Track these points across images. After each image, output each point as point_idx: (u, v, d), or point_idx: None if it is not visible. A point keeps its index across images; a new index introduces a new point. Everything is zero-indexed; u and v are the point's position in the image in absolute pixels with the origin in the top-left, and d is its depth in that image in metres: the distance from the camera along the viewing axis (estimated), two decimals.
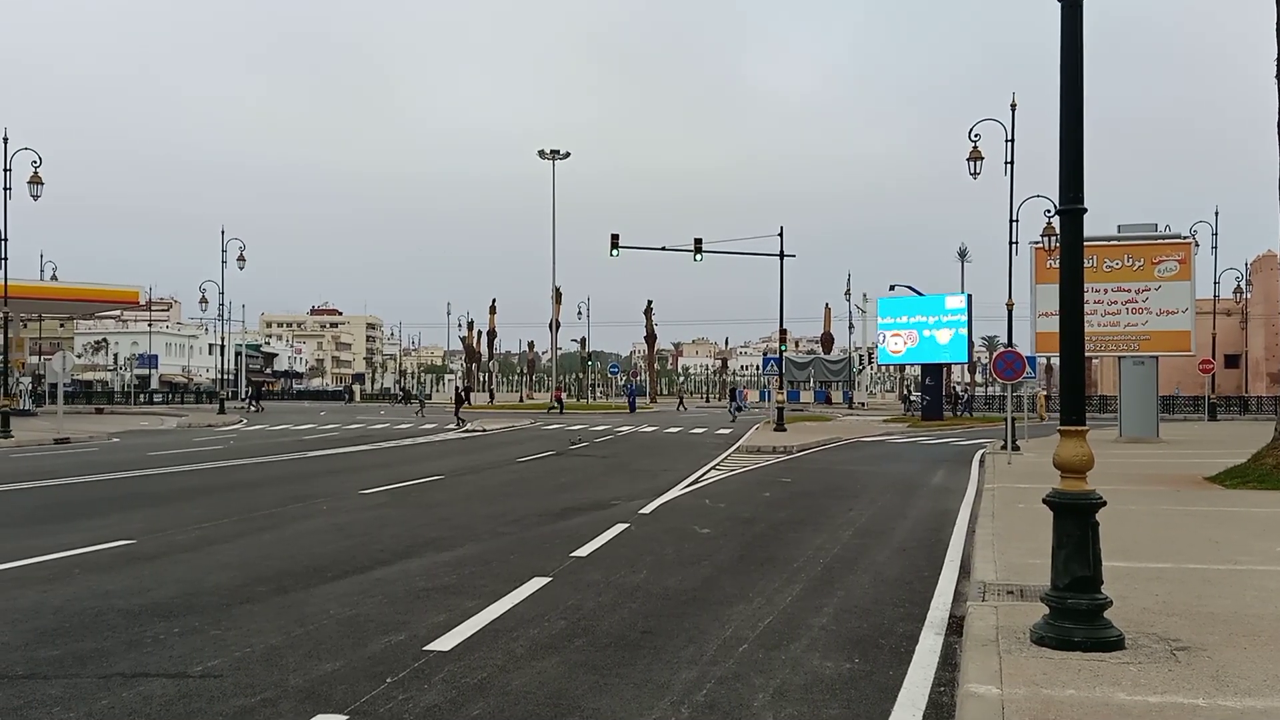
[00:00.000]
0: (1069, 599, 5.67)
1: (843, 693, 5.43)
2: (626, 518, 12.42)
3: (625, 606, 7.51)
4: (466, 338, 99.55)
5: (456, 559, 9.52)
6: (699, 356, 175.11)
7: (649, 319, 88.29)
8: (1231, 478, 15.57)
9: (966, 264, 75.87)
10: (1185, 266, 28.94)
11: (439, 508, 13.70)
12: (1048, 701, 4.72)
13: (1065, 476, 5.89)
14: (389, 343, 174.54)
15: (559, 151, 60.42)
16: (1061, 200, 6.01)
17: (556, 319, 73.44)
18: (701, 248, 41.57)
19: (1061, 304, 6.06)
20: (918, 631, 6.75)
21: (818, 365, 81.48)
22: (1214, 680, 5.05)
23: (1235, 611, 6.59)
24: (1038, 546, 8.01)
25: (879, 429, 38.31)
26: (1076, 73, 5.94)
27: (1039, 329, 29.02)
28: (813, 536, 11.09)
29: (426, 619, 7.02)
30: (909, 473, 19.81)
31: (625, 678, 5.69)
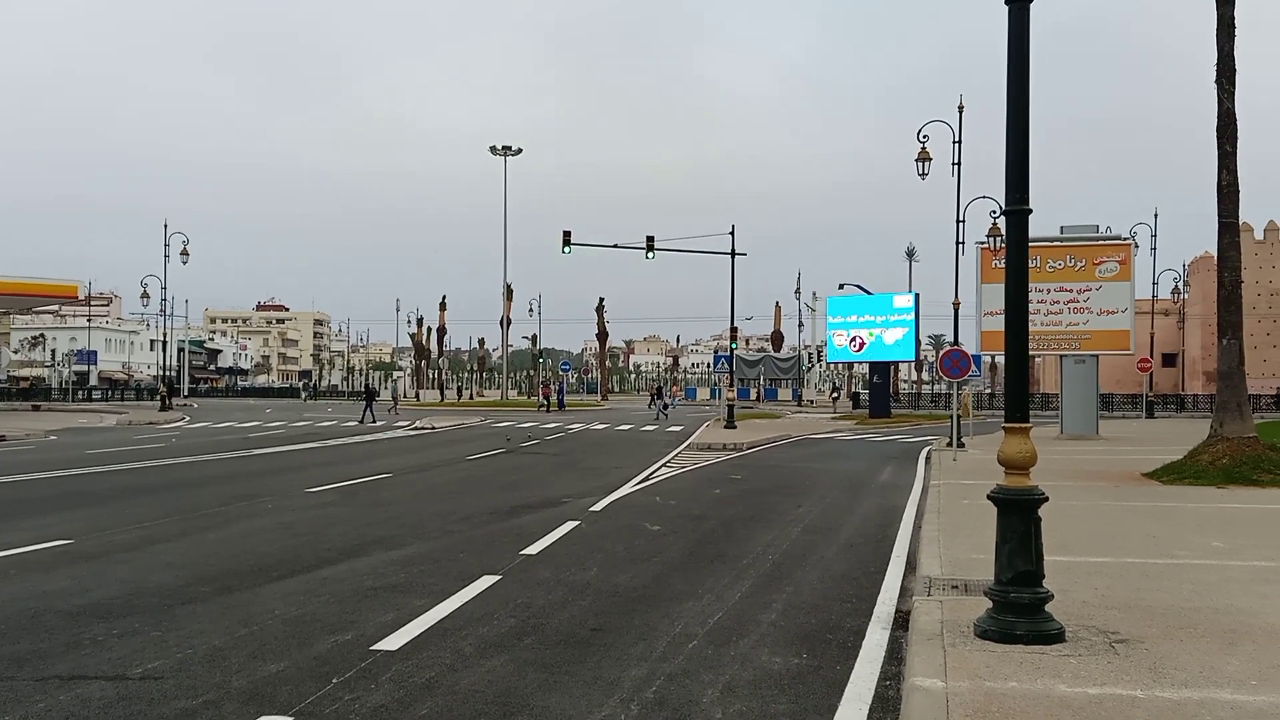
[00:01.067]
0: (1012, 593, 5.77)
1: (791, 688, 5.48)
2: (577, 515, 12.40)
3: (575, 604, 7.49)
4: (416, 334, 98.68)
5: (405, 557, 9.44)
6: (650, 354, 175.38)
7: (600, 316, 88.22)
8: (1168, 474, 15.95)
9: (914, 264, 76.79)
10: (1125, 267, 29.57)
11: (387, 506, 13.57)
12: (990, 694, 4.80)
13: (1009, 473, 5.99)
14: (337, 339, 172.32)
15: (510, 148, 60.12)
16: (1007, 201, 6.11)
17: (508, 316, 73.08)
18: (653, 246, 41.62)
19: (1007, 303, 6.17)
20: (865, 626, 6.83)
21: (768, 363, 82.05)
22: (1152, 672, 5.17)
23: (1172, 605, 6.75)
24: (982, 542, 8.14)
25: (828, 426, 38.67)
26: (1023, 76, 6.04)
27: (984, 328, 29.47)
28: (763, 533, 11.15)
29: (374, 618, 6.95)
30: (857, 470, 20.02)
31: (575, 675, 5.68)
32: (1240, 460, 15.47)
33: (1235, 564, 8.39)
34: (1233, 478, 14.99)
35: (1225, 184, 16.73)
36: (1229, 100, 16.67)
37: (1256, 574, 7.91)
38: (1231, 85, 16.67)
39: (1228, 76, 16.68)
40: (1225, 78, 16.69)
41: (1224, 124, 16.72)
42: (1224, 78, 16.70)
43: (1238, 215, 16.88)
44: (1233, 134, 16.69)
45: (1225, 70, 16.68)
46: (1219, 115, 16.76)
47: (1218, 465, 15.51)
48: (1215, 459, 15.74)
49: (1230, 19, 16.64)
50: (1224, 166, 16.73)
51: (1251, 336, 63.81)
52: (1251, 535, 10.17)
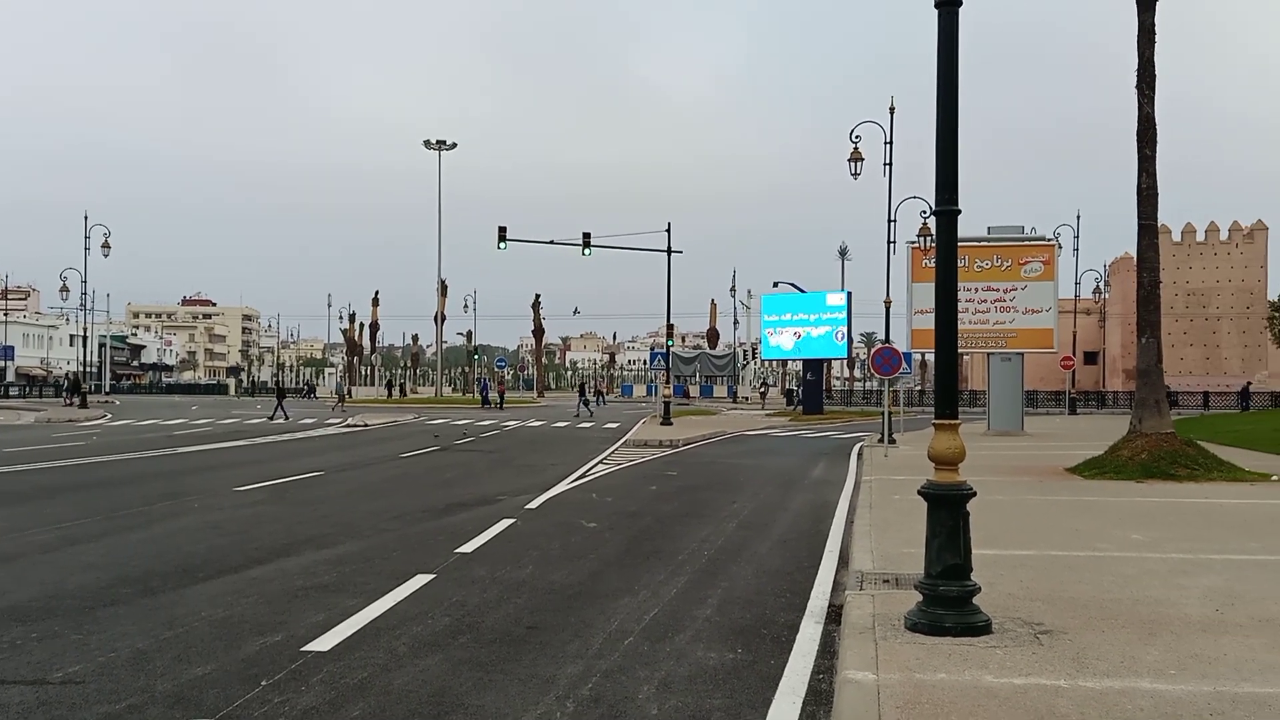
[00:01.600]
0: (941, 586, 5.89)
1: (726, 683, 5.52)
2: (512, 513, 12.33)
3: (510, 602, 7.46)
4: (348, 330, 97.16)
5: (337, 556, 9.29)
6: (587, 351, 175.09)
7: (537, 313, 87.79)
8: (1090, 469, 16.41)
9: (847, 263, 77.81)
10: (1049, 267, 30.33)
11: (319, 504, 13.35)
12: (920, 685, 4.89)
13: (939, 468, 6.11)
14: (266, 335, 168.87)
15: (445, 142, 59.54)
16: (937, 202, 6.22)
17: (442, 312, 72.39)
18: (590, 243, 41.56)
19: (936, 302, 6.28)
20: (798, 621, 6.90)
21: (703, 360, 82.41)
22: (1075, 662, 5.32)
23: (1094, 596, 6.95)
24: (912, 536, 8.29)
25: (762, 423, 39.02)
26: (952, 79, 6.15)
27: (915, 326, 29.99)
28: (698, 529, 11.21)
29: (305, 619, 6.83)
30: (791, 466, 20.23)
31: (510, 674, 5.65)
32: (1159, 455, 15.97)
33: (1154, 556, 8.66)
34: (1151, 472, 15.47)
35: (1145, 187, 17.24)
36: (1149, 105, 17.18)
37: (1174, 566, 8.17)
38: (1152, 90, 17.18)
39: (1148, 82, 17.19)
40: (1146, 83, 17.20)
41: (1144, 128, 17.23)
42: (1144, 83, 17.20)
43: (1156, 217, 17.41)
44: (1152, 138, 17.21)
45: (1145, 76, 17.19)
46: (1139, 120, 17.27)
47: (1137, 460, 15.99)
48: (1135, 454, 16.23)
49: (1151, 26, 17.15)
50: (1144, 170, 17.24)
51: (1169, 335, 65.93)
52: (1169, 528, 10.51)
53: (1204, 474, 15.45)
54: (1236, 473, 15.66)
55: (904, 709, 4.55)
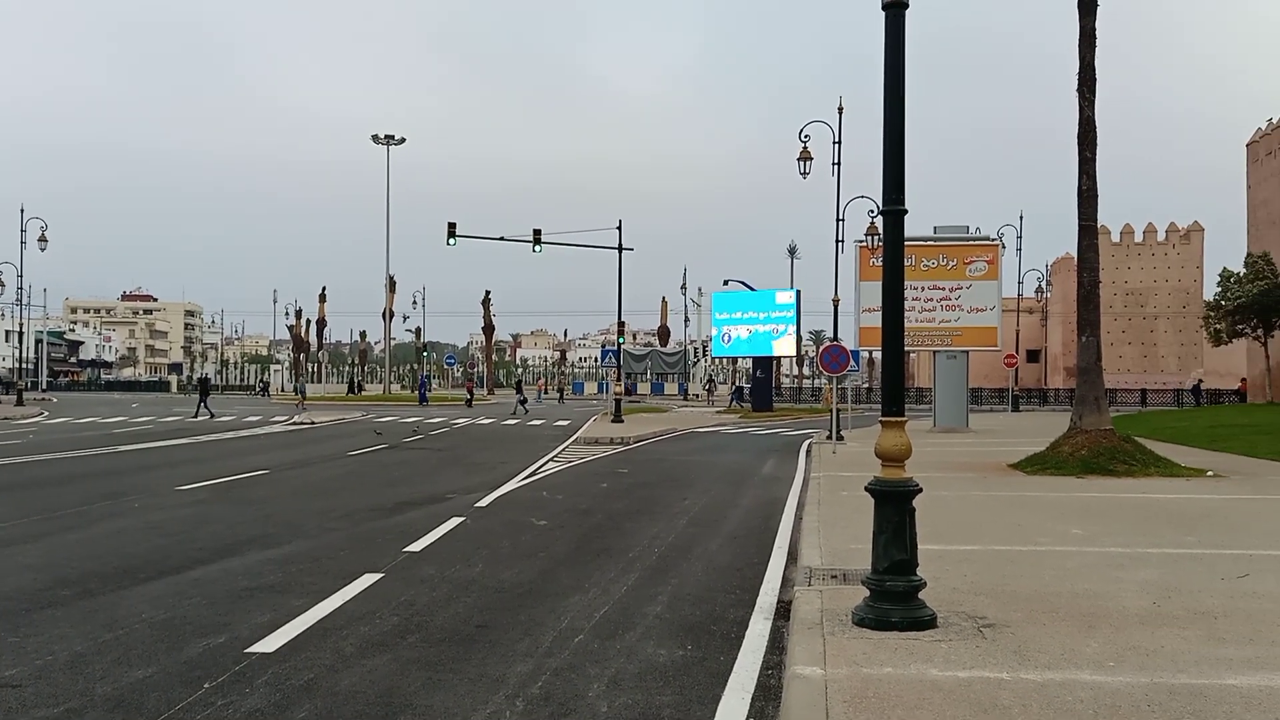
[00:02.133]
0: (888, 581, 5.97)
1: (676, 679, 5.54)
2: (462, 511, 12.26)
3: (460, 601, 7.41)
4: (294, 327, 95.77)
5: (283, 556, 9.17)
6: (538, 348, 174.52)
7: (487, 309, 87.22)
8: (1032, 465, 16.72)
9: (796, 261, 78.48)
10: (993, 267, 30.84)
11: (264, 503, 13.15)
12: (867, 680, 4.95)
13: (886, 465, 6.19)
14: (209, 331, 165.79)
15: (394, 137, 58.93)
16: (885, 201, 6.30)
17: (390, 308, 71.69)
18: (540, 239, 41.41)
19: (884, 301, 6.35)
20: (748, 617, 6.95)
21: (654, 357, 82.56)
22: (1017, 655, 5.42)
23: (1036, 590, 7.08)
24: (860, 532, 8.38)
25: (713, 420, 39.20)
26: (898, 80, 6.23)
27: (863, 324, 30.31)
28: (649, 526, 11.24)
29: (249, 620, 6.73)
30: (741, 463, 20.35)
31: (459, 673, 5.61)
32: (1098, 451, 16.33)
33: (1093, 550, 8.85)
34: (1091, 468, 15.81)
35: (1085, 189, 17.61)
36: (1089, 108, 17.55)
37: (1112, 560, 8.36)
38: (1092, 94, 17.55)
39: (1088, 85, 17.55)
40: (1086, 86, 17.56)
41: (1084, 131, 17.59)
42: (1085, 86, 17.57)
43: (1096, 218, 17.79)
44: (1092, 141, 17.58)
45: (1086, 79, 17.55)
46: (1080, 123, 17.63)
47: (1077, 456, 16.33)
48: (1075, 450, 16.57)
49: (1091, 31, 17.51)
50: (1084, 172, 17.61)
51: (1108, 334, 67.40)
52: (1107, 522, 10.75)
53: (1141, 469, 15.83)
54: (1173, 468, 16.06)
55: (851, 703, 4.61)
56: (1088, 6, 17.54)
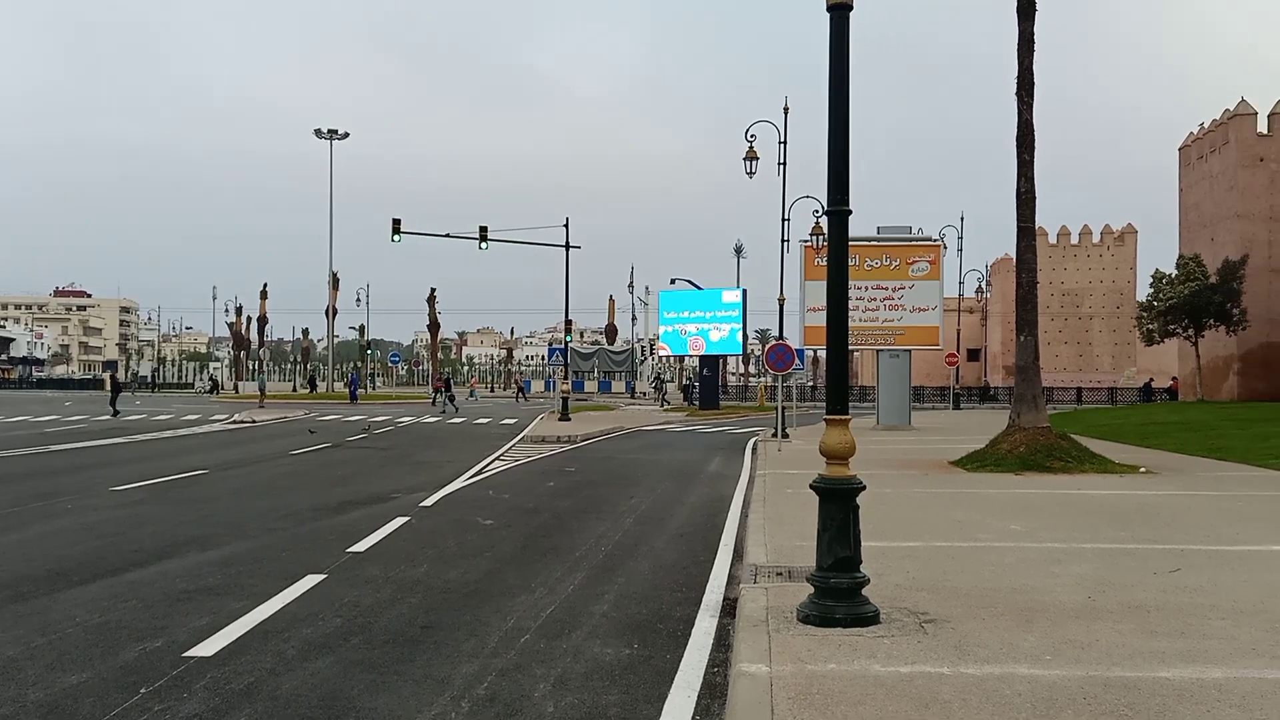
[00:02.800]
0: (832, 578, 6.03)
1: (622, 678, 5.54)
2: (407, 511, 12.14)
3: (405, 601, 7.34)
4: (234, 324, 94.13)
5: (222, 558, 9.00)
6: (484, 346, 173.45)
7: (432, 307, 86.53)
8: (972, 462, 17.02)
9: (742, 260, 78.94)
10: (935, 267, 31.33)
11: (203, 504, 12.90)
12: (812, 676, 5.00)
13: (830, 463, 6.25)
14: (146, 328, 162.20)
15: (336, 131, 58.12)
16: (829, 202, 6.36)
17: (333, 305, 70.68)
18: (487, 236, 41.14)
19: (828, 300, 6.42)
20: (694, 615, 6.98)
21: (602, 356, 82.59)
22: (957, 650, 5.51)
23: (975, 585, 7.21)
24: (804, 529, 8.46)
25: (660, 418, 39.29)
26: (843, 81, 6.28)
27: (807, 323, 30.62)
28: (595, 524, 11.23)
29: (187, 623, 6.60)
30: (687, 460, 20.43)
31: (404, 675, 5.56)
32: (1035, 448, 16.67)
33: (1031, 545, 9.04)
34: (1029, 464, 16.14)
35: (1023, 191, 17.95)
36: (1028, 112, 17.89)
37: (1049, 555, 8.54)
38: (1030, 97, 17.90)
39: (1027, 89, 17.90)
40: (1025, 90, 17.90)
41: (1023, 134, 17.93)
42: (1024, 90, 17.91)
43: (1034, 220, 18.14)
44: (1031, 144, 17.92)
45: (1025, 83, 17.89)
46: (1019, 126, 17.97)
47: (1015, 453, 16.66)
48: (1013, 447, 16.90)
49: (1030, 35, 17.86)
50: (1022, 174, 17.95)
51: (1045, 333, 68.85)
52: (1044, 518, 10.97)
53: (1077, 466, 16.19)
54: (1107, 465, 16.45)
55: (796, 700, 4.65)
56: (1026, 11, 17.89)
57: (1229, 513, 11.52)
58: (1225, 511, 11.63)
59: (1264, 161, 47.10)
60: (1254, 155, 47.24)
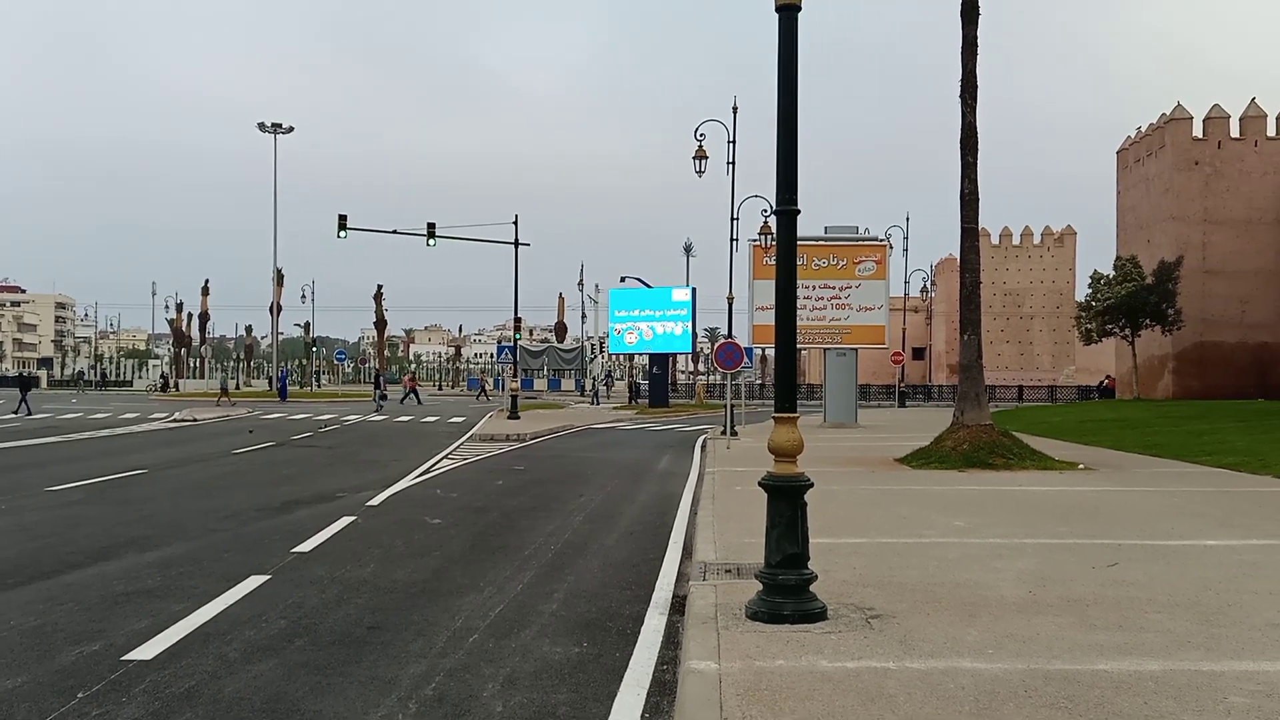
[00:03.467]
0: (780, 575, 6.08)
1: (571, 676, 5.53)
2: (353, 510, 12.00)
3: (351, 602, 7.25)
4: (175, 320, 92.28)
5: (163, 559, 8.82)
6: (432, 344, 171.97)
7: (379, 304, 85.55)
8: (917, 459, 17.27)
9: (692, 259, 79.21)
10: (881, 267, 31.70)
11: (143, 504, 12.63)
12: (760, 672, 5.04)
13: (778, 460, 6.30)
14: (83, 324, 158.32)
15: (280, 125, 57.18)
16: (778, 201, 6.40)
17: (278, 302, 69.63)
18: (435, 232, 40.78)
19: (777, 299, 6.46)
20: (643, 612, 6.99)
21: (551, 354, 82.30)
22: (902, 645, 5.58)
23: (920, 581, 7.32)
24: (753, 526, 8.52)
25: (610, 416, 39.27)
26: (791, 81, 6.33)
27: (756, 321, 30.82)
28: (545, 523, 11.20)
29: (126, 626, 6.46)
30: (637, 458, 20.45)
31: (350, 676, 5.50)
32: (979, 445, 16.95)
33: (974, 541, 9.19)
34: (972, 461, 16.41)
35: (967, 192, 18.25)
36: (971, 115, 18.19)
37: (992, 550, 8.69)
38: (974, 100, 18.19)
39: (970, 92, 18.19)
40: (968, 93, 18.19)
41: (966, 136, 18.23)
42: (967, 93, 18.20)
43: (978, 221, 18.46)
44: (974, 146, 18.22)
45: (968, 87, 18.18)
46: (962, 128, 18.26)
47: (959, 450, 16.93)
48: (957, 445, 17.18)
49: (973, 39, 18.15)
50: (966, 176, 18.25)
51: (988, 333, 69.95)
52: (987, 514, 11.17)
53: (1019, 463, 16.50)
54: (1047, 461, 16.78)
55: (744, 696, 4.68)
56: (970, 15, 18.18)
57: (1164, 508, 11.82)
58: (1161, 507, 11.93)
59: (1199, 165, 48.34)
60: (1189, 159, 48.46)
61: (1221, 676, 5.00)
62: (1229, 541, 9.28)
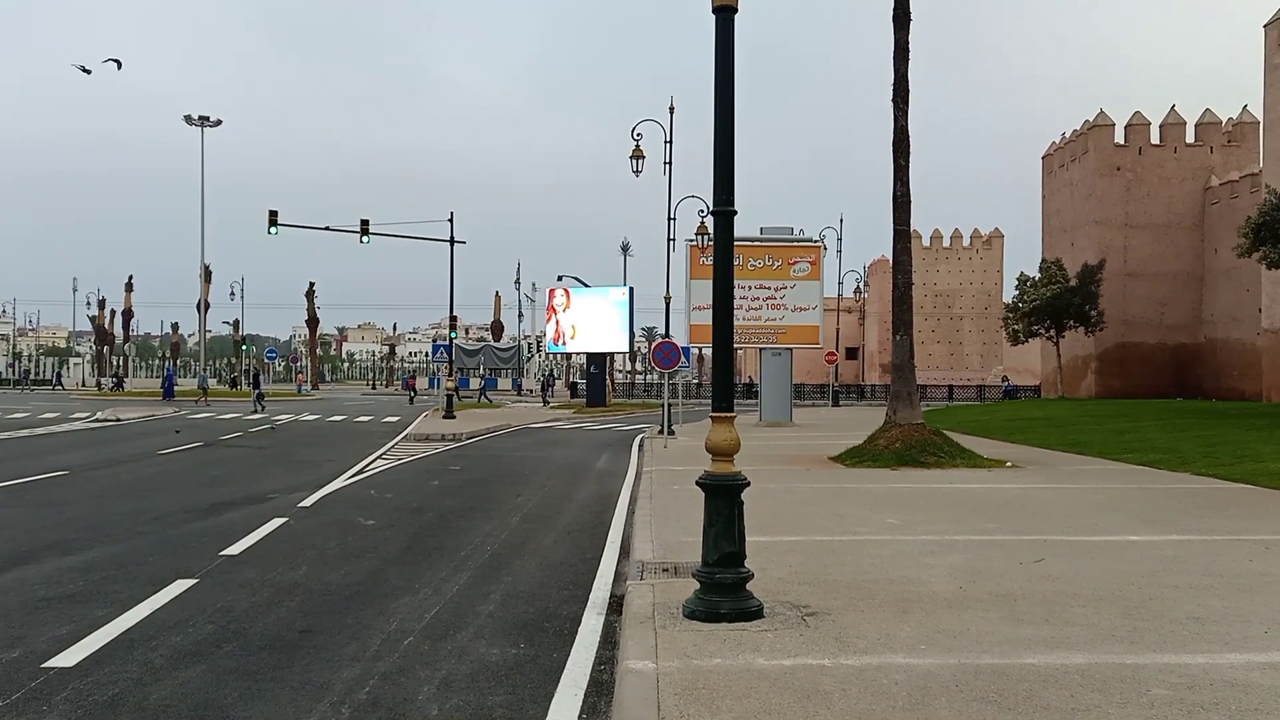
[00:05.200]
0: (718, 574, 6.11)
1: (508, 678, 5.50)
2: (285, 511, 11.78)
3: (283, 605, 7.12)
4: (97, 317, 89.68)
5: (85, 563, 8.56)
6: (366, 342, 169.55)
7: (311, 302, 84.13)
8: (851, 457, 17.50)
9: (630, 259, 79.08)
10: (816, 267, 32.07)
11: (64, 506, 12.25)
12: (697, 671, 5.06)
13: (715, 459, 6.33)
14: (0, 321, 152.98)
15: (208, 119, 55.85)
16: (715, 202, 6.43)
17: (205, 299, 67.94)
18: (368, 229, 40.23)
19: (714, 300, 6.49)
20: (581, 613, 6.97)
21: (488, 352, 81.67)
22: (837, 642, 5.65)
23: (855, 578, 7.41)
24: (690, 525, 8.55)
25: (546, 415, 39.14)
26: (728, 82, 6.36)
27: (693, 321, 30.96)
28: (482, 523, 11.11)
29: (47, 632, 6.25)
30: (575, 457, 20.41)
31: (281, 681, 5.39)
32: (911, 444, 17.24)
33: (906, 539, 9.34)
34: (904, 460, 16.68)
35: (899, 194, 18.54)
36: (903, 118, 18.48)
37: (923, 547, 8.85)
38: (905, 104, 18.49)
39: (903, 96, 18.48)
40: (900, 97, 18.48)
41: (899, 139, 18.52)
42: (899, 97, 18.49)
43: (910, 223, 18.76)
44: (906, 149, 18.52)
45: (901, 90, 18.47)
46: (895, 131, 18.54)
47: (892, 449, 17.20)
48: (890, 443, 17.45)
49: (905, 44, 18.45)
50: (898, 179, 18.54)
51: (919, 333, 71.07)
52: (919, 511, 11.36)
53: (949, 461, 16.82)
54: (976, 459, 17.14)
55: (682, 695, 4.70)
56: (902, 21, 18.47)
57: (1088, 504, 12.15)
58: (1085, 503, 12.26)
59: (1120, 170, 49.78)
60: (1111, 164, 49.88)
61: (1144, 669, 5.15)
62: (1150, 537, 9.57)
